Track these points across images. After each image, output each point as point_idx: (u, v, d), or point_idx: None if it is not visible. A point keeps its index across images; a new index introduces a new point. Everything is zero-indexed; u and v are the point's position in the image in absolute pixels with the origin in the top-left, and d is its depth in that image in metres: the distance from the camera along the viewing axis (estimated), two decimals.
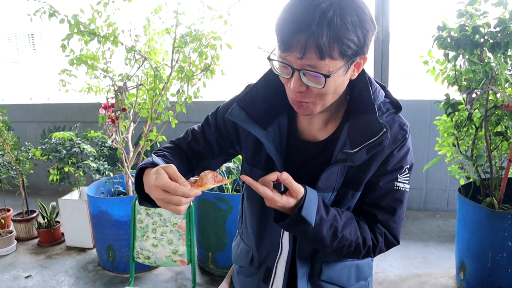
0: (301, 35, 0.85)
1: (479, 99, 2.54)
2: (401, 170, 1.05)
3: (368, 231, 1.08)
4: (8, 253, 3.64)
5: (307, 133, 1.11)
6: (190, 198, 0.89)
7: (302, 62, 0.88)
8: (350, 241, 1.04)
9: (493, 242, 2.50)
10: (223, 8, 2.82)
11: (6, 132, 3.75)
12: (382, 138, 0.97)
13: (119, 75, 3.07)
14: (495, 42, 2.27)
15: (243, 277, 1.30)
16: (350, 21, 0.85)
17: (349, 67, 0.92)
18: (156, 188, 0.90)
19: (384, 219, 1.08)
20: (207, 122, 1.22)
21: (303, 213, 0.95)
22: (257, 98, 1.09)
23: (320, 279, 1.16)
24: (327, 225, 1.01)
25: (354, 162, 0.99)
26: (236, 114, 1.07)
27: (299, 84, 0.92)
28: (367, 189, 1.08)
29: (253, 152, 1.14)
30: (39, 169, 4.89)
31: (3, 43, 18.04)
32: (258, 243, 1.20)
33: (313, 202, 0.98)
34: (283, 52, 0.90)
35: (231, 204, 2.90)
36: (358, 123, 1.01)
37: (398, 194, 1.07)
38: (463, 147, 2.76)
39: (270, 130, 1.08)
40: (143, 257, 2.23)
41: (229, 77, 10.68)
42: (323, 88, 0.91)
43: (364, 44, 0.89)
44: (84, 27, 2.74)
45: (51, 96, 6.12)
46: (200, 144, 1.19)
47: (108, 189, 3.48)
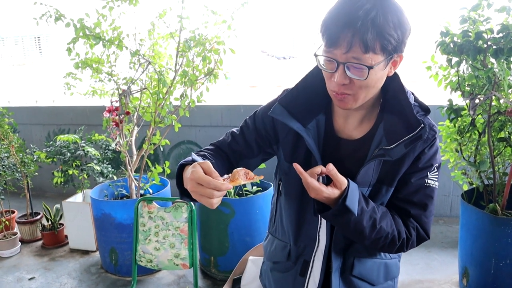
0: (348, 31, 0.94)
1: (482, 105, 2.54)
2: (431, 168, 1.13)
3: (402, 225, 1.14)
4: (12, 255, 3.66)
5: (343, 131, 1.18)
6: (222, 192, 0.96)
7: (347, 55, 0.97)
8: (387, 233, 1.10)
9: (496, 249, 2.49)
10: (227, 13, 2.83)
11: (12, 134, 3.78)
12: (421, 132, 1.06)
13: (124, 79, 3.09)
14: (498, 48, 2.27)
15: (277, 274, 1.33)
16: (391, 20, 0.95)
17: (388, 63, 1.01)
18: (191, 181, 0.97)
19: (416, 214, 1.15)
20: (246, 124, 1.29)
21: (348, 202, 1.02)
22: (297, 98, 1.17)
23: (352, 274, 1.21)
24: (367, 215, 1.07)
25: (392, 156, 1.07)
26: (278, 112, 1.16)
27: (343, 77, 1.00)
28: (400, 185, 1.15)
29: (292, 148, 1.21)
30: (43, 171, 4.92)
31: (10, 46, 18.17)
32: (296, 237, 1.25)
33: (356, 193, 1.05)
34: (330, 47, 0.98)
35: (233, 208, 2.90)
36: (394, 121, 1.10)
37: (428, 191, 1.14)
38: (466, 153, 2.75)
39: (310, 127, 1.16)
40: (145, 261, 2.23)
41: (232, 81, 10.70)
42: (365, 80, 0.99)
43: (402, 42, 0.99)
44: (89, 31, 2.77)
45: (57, 99, 6.16)
46: (240, 144, 1.27)
47: (111, 192, 3.49)
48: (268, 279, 1.39)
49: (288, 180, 1.24)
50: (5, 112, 3.73)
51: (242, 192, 3.28)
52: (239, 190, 3.30)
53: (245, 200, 2.98)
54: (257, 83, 14.02)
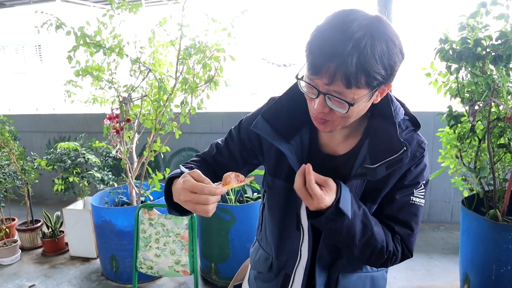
0: (332, 63, 0.89)
1: (481, 111, 2.54)
2: (417, 186, 1.10)
3: (390, 237, 1.11)
4: (12, 262, 3.65)
5: (328, 147, 1.15)
6: (216, 196, 0.94)
7: (329, 87, 0.92)
8: (377, 242, 1.07)
9: (497, 255, 2.49)
10: (227, 20, 2.85)
11: (12, 142, 3.79)
12: (402, 156, 1.01)
13: (124, 86, 3.10)
14: (497, 54, 2.28)
15: (261, 283, 1.33)
16: (380, 53, 0.88)
17: (373, 95, 0.97)
18: (184, 190, 0.95)
19: (401, 232, 1.11)
20: (230, 135, 1.26)
21: (341, 205, 0.98)
22: (281, 111, 1.13)
23: None
24: (359, 220, 1.03)
25: (374, 177, 1.03)
26: (261, 127, 1.12)
27: (323, 106, 0.96)
28: (385, 202, 1.12)
29: (275, 163, 1.18)
30: (44, 179, 4.91)
31: (11, 54, 18.24)
32: (278, 251, 1.24)
33: (348, 195, 1.02)
34: (312, 75, 0.93)
35: (234, 215, 2.90)
36: (379, 139, 1.06)
37: (413, 209, 1.11)
38: (466, 159, 2.76)
39: (293, 143, 1.12)
40: (146, 267, 2.23)
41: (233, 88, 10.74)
42: (346, 113, 0.95)
43: (391, 74, 0.94)
44: (90, 39, 2.79)
45: (57, 106, 6.18)
46: (224, 156, 1.25)
47: (112, 199, 3.49)
48: (253, 286, 1.39)
49: (271, 194, 1.22)
50: (5, 120, 3.75)
51: (242, 199, 3.29)
52: (240, 197, 3.30)
53: (245, 207, 2.98)
54: (257, 90, 14.06)
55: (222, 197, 3.22)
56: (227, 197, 3.21)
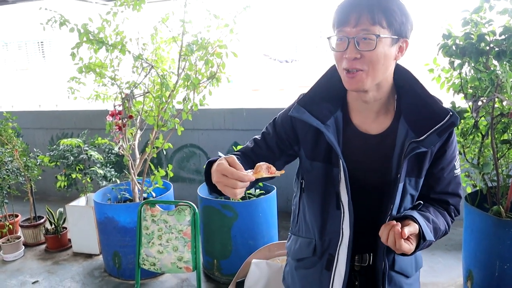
0: (356, 8, 1.06)
1: (485, 107, 2.53)
2: (456, 158, 1.25)
3: (447, 215, 1.28)
4: (16, 259, 3.67)
5: (362, 126, 1.23)
6: (245, 182, 1.01)
7: (356, 29, 1.06)
8: (444, 231, 1.25)
9: (500, 251, 2.48)
10: (229, 16, 2.84)
11: (15, 138, 3.79)
12: (452, 119, 1.13)
13: (127, 83, 3.10)
14: (500, 50, 2.27)
15: (303, 270, 1.37)
16: (396, 4, 1.07)
17: (395, 43, 1.09)
18: (216, 172, 1.04)
19: (454, 202, 1.29)
20: (267, 130, 1.36)
21: (427, 237, 1.12)
22: (314, 98, 1.25)
23: (394, 269, 1.28)
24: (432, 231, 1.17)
25: (426, 147, 1.13)
26: (298, 112, 1.23)
27: (354, 51, 1.07)
28: (435, 182, 1.25)
29: (312, 146, 1.26)
30: (47, 175, 4.93)
31: (13, 51, 18.26)
32: (321, 232, 1.29)
33: (424, 224, 1.14)
34: (339, 26, 1.09)
35: (237, 211, 2.90)
36: (418, 113, 1.16)
37: (457, 179, 1.28)
38: (469, 155, 2.75)
39: (329, 123, 1.21)
40: (148, 264, 2.24)
41: (235, 84, 10.72)
42: (374, 51, 1.06)
43: (406, 27, 1.09)
44: (93, 36, 2.78)
45: (60, 103, 6.19)
46: (262, 148, 1.33)
47: (114, 195, 3.50)
48: (293, 278, 1.41)
49: (310, 177, 1.30)
50: (8, 116, 3.75)
51: (245, 196, 3.28)
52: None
53: (248, 203, 2.98)
54: (259, 87, 14.03)
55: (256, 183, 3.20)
56: None
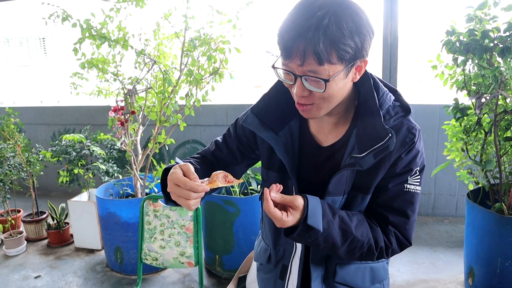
0: (300, 42, 0.90)
1: (488, 104, 2.53)
2: (411, 173, 1.08)
3: (380, 232, 1.10)
4: (18, 254, 3.68)
5: (318, 136, 1.16)
6: (199, 193, 0.96)
7: (303, 68, 0.93)
8: (362, 243, 1.06)
9: (502, 248, 2.48)
10: (232, 12, 2.84)
11: (18, 134, 3.80)
12: (388, 143, 1.00)
13: (129, 79, 3.10)
14: (504, 46, 2.26)
15: (262, 274, 1.37)
16: (346, 27, 0.89)
17: (349, 71, 0.96)
18: (169, 182, 0.99)
19: (396, 221, 1.10)
20: (228, 132, 1.30)
21: (310, 221, 0.99)
22: (269, 105, 1.16)
23: (335, 280, 1.19)
24: (336, 227, 1.03)
25: (363, 166, 1.02)
26: (250, 121, 1.16)
27: (301, 89, 0.97)
28: (378, 191, 1.10)
29: (268, 156, 1.21)
30: (49, 170, 4.94)
31: (15, 47, 18.24)
32: (275, 242, 1.26)
33: (317, 208, 1.01)
34: (285, 59, 0.95)
35: (239, 207, 2.90)
36: (365, 128, 1.05)
37: (408, 196, 1.09)
38: (472, 152, 2.74)
39: (281, 134, 1.14)
40: (150, 259, 2.24)
41: (237, 81, 10.70)
42: (325, 92, 0.96)
43: (362, 48, 0.94)
44: (95, 31, 2.78)
45: (61, 99, 6.19)
46: (223, 152, 1.28)
47: (116, 191, 3.51)
48: (257, 278, 1.43)
49: (265, 186, 1.22)
50: (11, 112, 3.76)
51: (247, 191, 3.29)
52: (244, 189, 3.30)
53: (250, 199, 2.98)
54: (261, 83, 14.01)
55: (227, 189, 3.22)
56: (231, 190, 3.21)
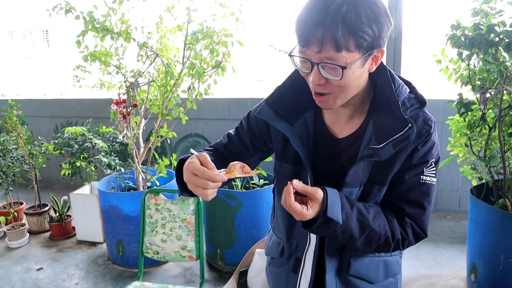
0: (318, 30, 0.90)
1: (493, 99, 2.50)
2: (426, 164, 1.07)
3: (396, 224, 1.09)
4: (20, 246, 3.69)
5: (334, 128, 1.15)
6: (216, 183, 0.96)
7: (320, 55, 0.93)
8: (379, 235, 1.06)
9: (505, 244, 2.47)
10: (235, 5, 2.81)
11: (20, 126, 3.80)
12: (408, 133, 1.00)
13: (131, 72, 3.09)
14: (510, 41, 2.23)
15: (274, 268, 1.35)
16: (365, 15, 0.90)
17: (366, 60, 0.96)
18: (187, 171, 0.98)
19: (412, 212, 1.10)
20: (241, 125, 1.29)
21: (329, 214, 0.98)
22: (284, 97, 1.16)
23: (349, 273, 1.19)
24: (354, 219, 1.03)
25: (381, 157, 1.02)
26: (265, 112, 1.14)
27: (318, 77, 0.96)
28: (394, 183, 1.10)
29: (282, 147, 1.20)
30: (51, 163, 4.95)
31: (18, 39, 18.23)
32: (288, 235, 1.25)
33: (336, 200, 1.01)
34: (302, 47, 0.95)
35: (240, 201, 2.90)
36: (383, 119, 1.05)
37: (424, 188, 1.09)
38: (476, 148, 2.72)
39: (297, 126, 1.13)
40: (152, 252, 2.24)
41: (240, 74, 10.66)
42: (341, 79, 0.95)
43: (379, 37, 0.93)
44: (98, 24, 2.77)
45: (64, 91, 6.19)
46: (236, 145, 1.28)
47: (118, 184, 3.51)
48: (267, 273, 1.41)
49: (280, 178, 1.23)
50: (13, 104, 3.76)
51: (249, 185, 3.28)
52: (246, 183, 3.29)
53: (252, 193, 2.98)
54: (264, 77, 13.97)
55: (229, 184, 3.21)
56: (233, 184, 3.20)
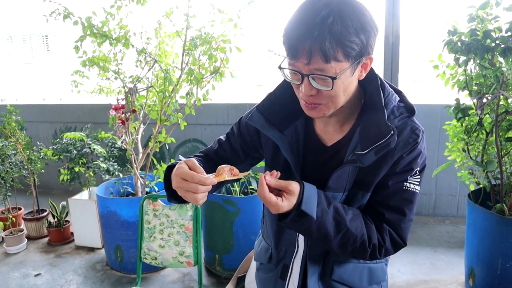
0: (306, 42, 0.91)
1: (489, 104, 2.51)
2: (411, 172, 1.08)
3: (374, 229, 1.09)
4: (18, 251, 3.68)
5: (324, 136, 1.16)
6: (206, 186, 0.97)
7: (309, 67, 0.94)
8: (355, 237, 1.05)
9: (503, 249, 2.47)
10: (234, 11, 2.83)
11: (19, 131, 3.81)
12: (389, 140, 1.00)
13: (130, 77, 3.10)
14: (506, 46, 2.25)
15: (262, 274, 1.36)
16: (351, 25, 0.90)
17: (355, 68, 0.97)
18: (176, 176, 0.99)
19: (391, 218, 1.09)
20: (232, 131, 1.30)
21: (303, 207, 0.99)
22: (275, 104, 1.16)
23: (332, 278, 1.19)
24: (330, 217, 1.03)
25: (364, 163, 1.02)
26: (255, 119, 1.15)
27: (309, 89, 0.97)
28: (378, 188, 1.10)
29: (272, 154, 1.20)
30: (50, 168, 4.95)
31: (18, 44, 18.25)
32: (277, 241, 1.26)
33: (312, 195, 1.01)
34: (292, 59, 0.96)
35: (239, 206, 2.90)
36: (369, 126, 1.06)
37: (406, 195, 1.08)
38: (473, 153, 2.73)
39: (287, 133, 1.14)
40: (150, 258, 2.24)
41: (239, 80, 10.69)
42: (332, 89, 0.96)
43: (367, 44, 0.94)
44: (97, 29, 2.78)
45: (64, 96, 6.20)
46: (226, 151, 1.28)
47: (117, 189, 3.51)
48: (256, 278, 1.42)
49: None
50: (12, 109, 3.76)
51: (247, 191, 3.28)
52: (245, 189, 3.30)
53: (250, 199, 2.98)
54: (263, 82, 13.98)
55: (227, 188, 3.21)
56: (232, 189, 3.21)
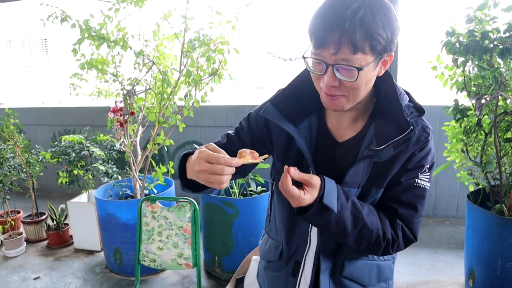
0: (336, 32, 0.92)
1: (488, 105, 2.51)
2: (422, 169, 1.11)
3: (388, 224, 1.11)
4: (17, 255, 3.67)
5: (336, 131, 1.17)
6: (231, 168, 0.95)
7: (336, 57, 0.95)
8: (371, 232, 1.08)
9: (502, 250, 2.47)
10: (232, 13, 2.83)
11: (17, 134, 3.80)
12: (409, 135, 1.03)
13: (128, 79, 3.09)
14: (504, 47, 2.25)
15: (271, 272, 1.34)
16: (380, 19, 0.93)
17: (377, 63, 0.99)
18: (200, 160, 0.96)
19: (404, 214, 1.12)
20: (241, 126, 1.29)
21: (325, 201, 1.00)
22: (289, 98, 1.16)
23: (342, 275, 1.20)
24: (348, 212, 1.05)
25: (381, 158, 1.05)
26: (270, 112, 1.15)
27: (332, 79, 0.98)
28: (390, 184, 1.12)
29: (284, 148, 1.20)
30: (48, 171, 4.94)
31: (17, 48, 18.26)
32: (288, 238, 1.24)
33: (333, 189, 1.03)
34: (318, 48, 0.97)
35: (238, 208, 2.90)
36: (385, 122, 1.08)
37: (418, 191, 1.12)
38: (472, 153, 2.73)
39: (301, 127, 1.14)
40: (148, 260, 2.23)
41: (239, 82, 10.70)
42: (355, 81, 0.97)
43: (391, 41, 0.97)
44: (94, 32, 2.78)
45: (63, 99, 6.20)
46: (235, 145, 1.26)
47: (116, 192, 3.50)
48: (263, 278, 1.40)
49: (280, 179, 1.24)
50: (10, 112, 3.76)
51: (246, 192, 3.28)
52: (244, 190, 3.29)
53: (249, 200, 2.97)
54: (263, 84, 14.00)
55: (226, 190, 3.21)
56: (230, 191, 3.20)
